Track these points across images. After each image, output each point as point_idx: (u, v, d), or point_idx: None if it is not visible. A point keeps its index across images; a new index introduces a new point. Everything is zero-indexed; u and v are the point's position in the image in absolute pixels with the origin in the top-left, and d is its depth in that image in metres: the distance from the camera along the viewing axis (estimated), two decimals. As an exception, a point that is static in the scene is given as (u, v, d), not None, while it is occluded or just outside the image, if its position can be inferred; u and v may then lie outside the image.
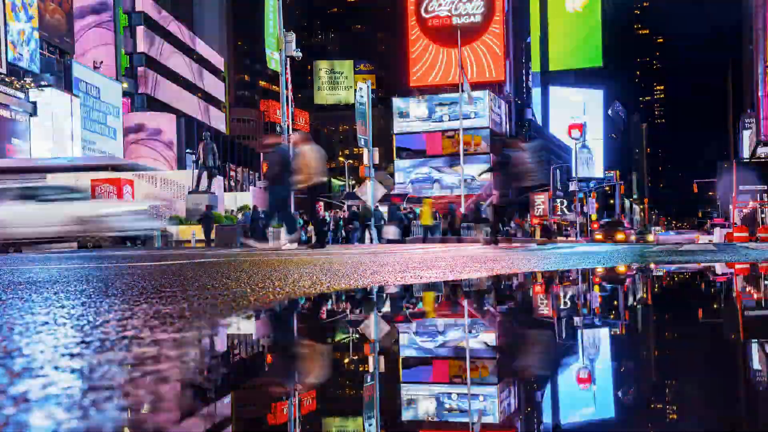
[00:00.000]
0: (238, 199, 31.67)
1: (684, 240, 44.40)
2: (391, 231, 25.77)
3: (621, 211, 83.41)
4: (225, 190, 34.80)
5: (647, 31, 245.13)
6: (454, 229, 29.82)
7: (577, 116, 69.01)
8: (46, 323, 2.16)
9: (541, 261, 7.19)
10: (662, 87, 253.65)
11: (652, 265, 6.48)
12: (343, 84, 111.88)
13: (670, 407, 1.38)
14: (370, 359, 1.93)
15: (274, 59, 24.56)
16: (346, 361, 1.94)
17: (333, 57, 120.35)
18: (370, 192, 27.16)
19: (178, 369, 1.50)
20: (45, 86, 37.22)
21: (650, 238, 51.55)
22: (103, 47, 49.68)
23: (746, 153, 69.29)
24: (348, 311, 3.15)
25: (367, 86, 29.66)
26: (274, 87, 79.89)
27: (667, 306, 3.49)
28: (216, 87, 71.27)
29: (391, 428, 1.27)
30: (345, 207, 38.27)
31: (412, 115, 62.38)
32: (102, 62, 47.45)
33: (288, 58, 27.17)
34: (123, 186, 24.82)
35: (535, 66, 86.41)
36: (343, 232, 29.80)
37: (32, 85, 36.62)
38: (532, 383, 1.64)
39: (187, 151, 50.96)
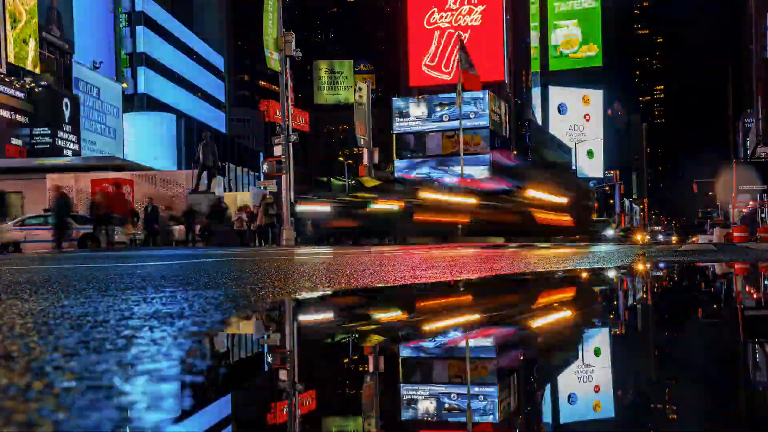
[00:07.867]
0: (239, 200, 31.57)
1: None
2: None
3: (621, 210, 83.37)
4: (225, 190, 34.71)
5: (647, 31, 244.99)
6: None
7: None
8: (46, 323, 2.16)
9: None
10: (662, 87, 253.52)
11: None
12: (343, 84, 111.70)
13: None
14: (371, 359, 1.93)
15: (273, 59, 24.46)
16: (346, 361, 1.94)
17: (333, 57, 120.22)
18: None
19: (178, 368, 1.50)
20: (45, 86, 37.17)
21: (638, 238, 48.65)
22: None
23: (746, 153, 69.30)
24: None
25: (367, 86, 29.68)
26: (274, 87, 79.83)
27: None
28: (216, 87, 71.20)
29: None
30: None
31: (412, 115, 62.34)
32: (101, 62, 47.38)
33: (288, 58, 27.10)
34: (123, 186, 24.76)
35: (535, 66, 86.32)
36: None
37: (32, 84, 36.57)
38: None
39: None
